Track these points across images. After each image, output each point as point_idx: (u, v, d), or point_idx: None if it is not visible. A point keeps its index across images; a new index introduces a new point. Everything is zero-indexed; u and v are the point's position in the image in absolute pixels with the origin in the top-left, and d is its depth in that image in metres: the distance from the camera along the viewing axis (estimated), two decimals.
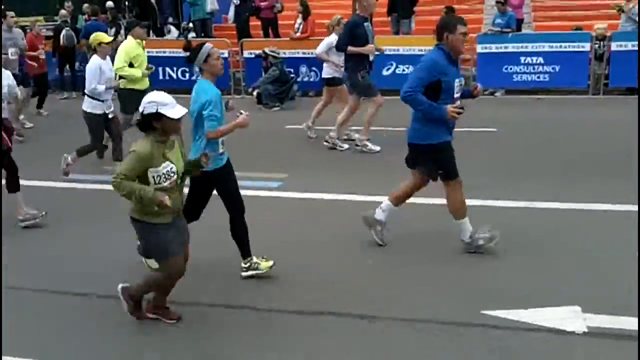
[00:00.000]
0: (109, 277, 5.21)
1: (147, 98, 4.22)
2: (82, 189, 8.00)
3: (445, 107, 5.27)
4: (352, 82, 9.08)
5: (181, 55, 13.92)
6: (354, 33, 8.76)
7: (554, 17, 15.80)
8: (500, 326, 4.49)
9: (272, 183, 7.87)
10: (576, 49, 13.14)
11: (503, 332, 4.42)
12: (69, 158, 8.15)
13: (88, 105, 8.05)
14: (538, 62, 13.24)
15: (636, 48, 12.78)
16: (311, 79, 14.24)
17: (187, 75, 14.48)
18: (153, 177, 4.19)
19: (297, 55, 14.16)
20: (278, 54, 13.50)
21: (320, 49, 9.77)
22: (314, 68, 14.08)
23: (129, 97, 8.65)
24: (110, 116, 8.20)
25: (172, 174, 4.27)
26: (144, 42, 9.13)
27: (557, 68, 13.21)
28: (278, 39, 15.03)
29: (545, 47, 13.15)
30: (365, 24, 8.87)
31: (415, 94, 5.22)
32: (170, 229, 4.37)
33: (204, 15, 15.75)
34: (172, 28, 16.27)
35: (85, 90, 8.08)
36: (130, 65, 8.66)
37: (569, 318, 4.53)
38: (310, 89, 14.39)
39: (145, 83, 8.93)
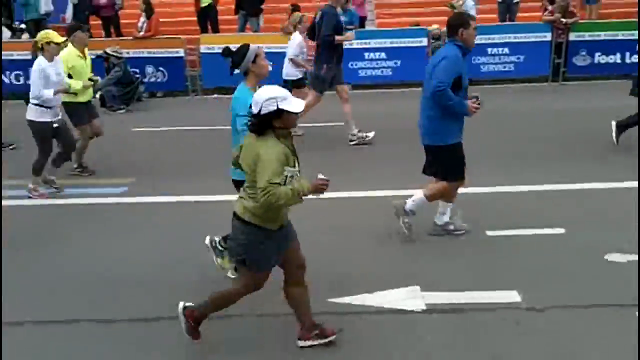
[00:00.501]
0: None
1: (262, 96, 3.71)
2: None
3: (466, 102, 5.36)
4: (316, 72, 9.11)
5: (15, 57, 13.07)
6: (336, 23, 8.88)
7: (394, 14, 16.52)
8: (346, 312, 4.64)
9: (115, 189, 7.57)
10: (415, 44, 13.81)
11: (348, 317, 4.56)
12: (30, 185, 7.36)
13: (33, 114, 7.15)
14: (381, 57, 13.78)
15: None
16: (158, 79, 13.86)
17: (22, 79, 13.51)
18: (286, 176, 3.75)
19: (142, 55, 13.70)
20: (120, 54, 12.99)
21: (293, 52, 9.53)
22: (160, 68, 13.73)
23: (75, 110, 7.89)
24: (55, 125, 7.29)
25: (298, 174, 3.86)
26: (86, 48, 8.14)
27: (399, 62, 13.81)
28: (120, 38, 14.47)
29: (387, 43, 13.70)
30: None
31: (446, 88, 5.24)
32: (278, 238, 3.99)
33: (39, 16, 14.81)
34: (4, 29, 15.15)
35: (30, 97, 7.16)
36: (69, 77, 7.68)
37: (410, 298, 4.77)
38: (157, 90, 14.02)
39: (89, 94, 8.15)
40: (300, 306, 4.19)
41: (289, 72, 9.69)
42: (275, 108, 3.67)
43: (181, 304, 4.20)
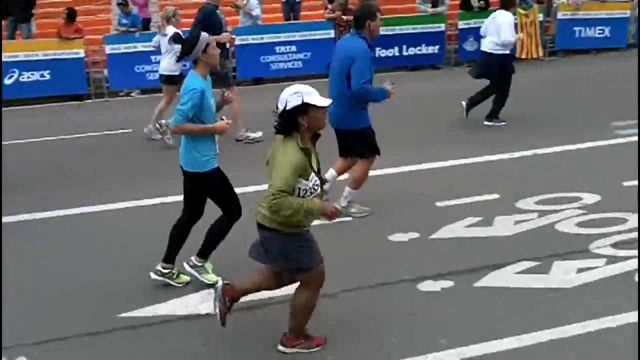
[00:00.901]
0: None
1: (287, 91, 3.64)
2: None
3: (385, 87, 5.80)
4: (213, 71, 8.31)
5: None
6: (208, 21, 8.42)
7: (182, 15, 16.19)
8: (137, 325, 4.45)
9: None
10: None
11: (140, 330, 4.39)
12: None
13: None
14: None
15: (257, 42, 13.83)
16: None
17: None
18: (299, 189, 3.64)
19: None
20: None
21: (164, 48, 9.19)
22: None
23: None
24: None
25: (317, 187, 3.74)
26: None
27: (188, 65, 13.52)
28: None
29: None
30: (217, 11, 8.79)
31: (367, 86, 5.65)
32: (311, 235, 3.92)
33: None
34: None
35: None
36: None
37: (205, 302, 4.66)
38: None
39: None
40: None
41: (165, 66, 9.30)
42: (300, 102, 3.59)
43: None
